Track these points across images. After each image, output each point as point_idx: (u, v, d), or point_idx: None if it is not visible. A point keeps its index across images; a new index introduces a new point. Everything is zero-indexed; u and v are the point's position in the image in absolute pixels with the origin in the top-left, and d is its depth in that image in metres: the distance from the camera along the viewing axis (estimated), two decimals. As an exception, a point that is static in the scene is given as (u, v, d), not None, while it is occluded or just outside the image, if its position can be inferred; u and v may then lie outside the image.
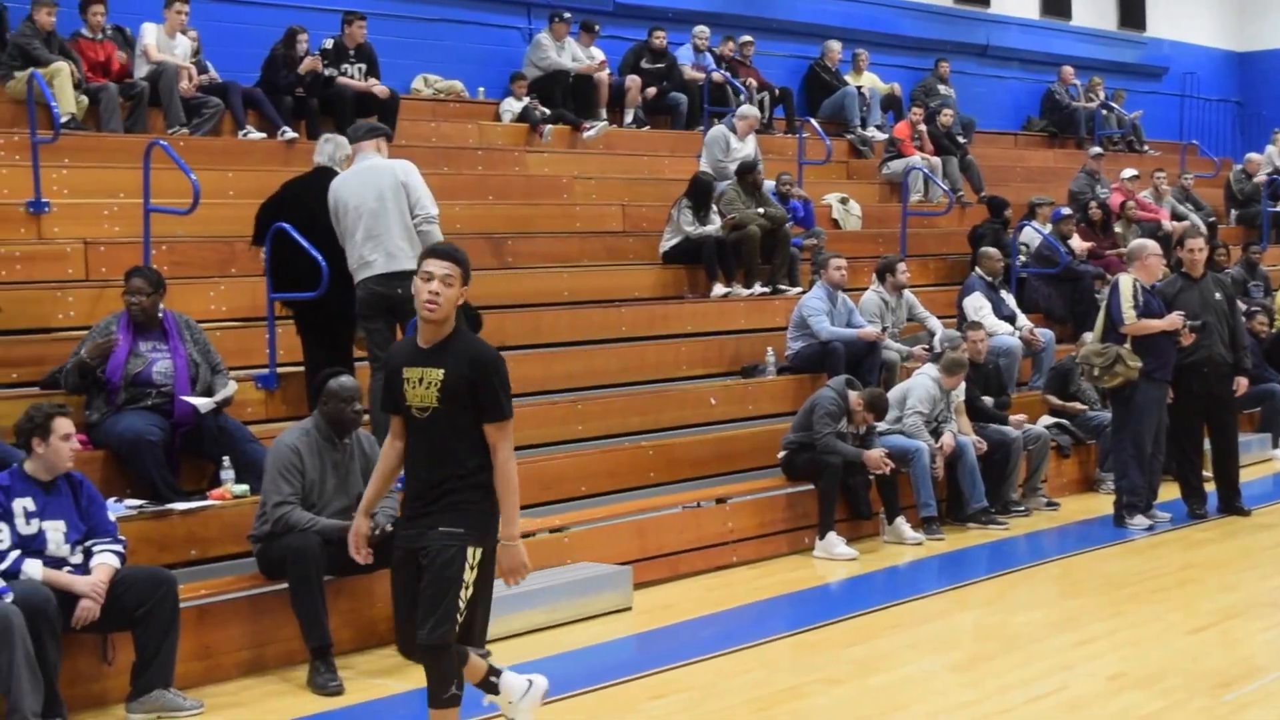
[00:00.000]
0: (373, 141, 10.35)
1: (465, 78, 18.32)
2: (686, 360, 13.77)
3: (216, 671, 8.46)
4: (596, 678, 8.50)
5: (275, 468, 8.63)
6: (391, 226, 10.02)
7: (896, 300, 14.51)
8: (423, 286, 6.42)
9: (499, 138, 17.15)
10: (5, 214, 11.84)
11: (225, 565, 9.19)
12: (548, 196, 15.87)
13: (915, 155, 19.53)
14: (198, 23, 15.36)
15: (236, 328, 11.39)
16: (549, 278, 14.07)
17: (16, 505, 7.71)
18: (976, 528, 12.67)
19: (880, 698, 8.27)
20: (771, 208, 15.63)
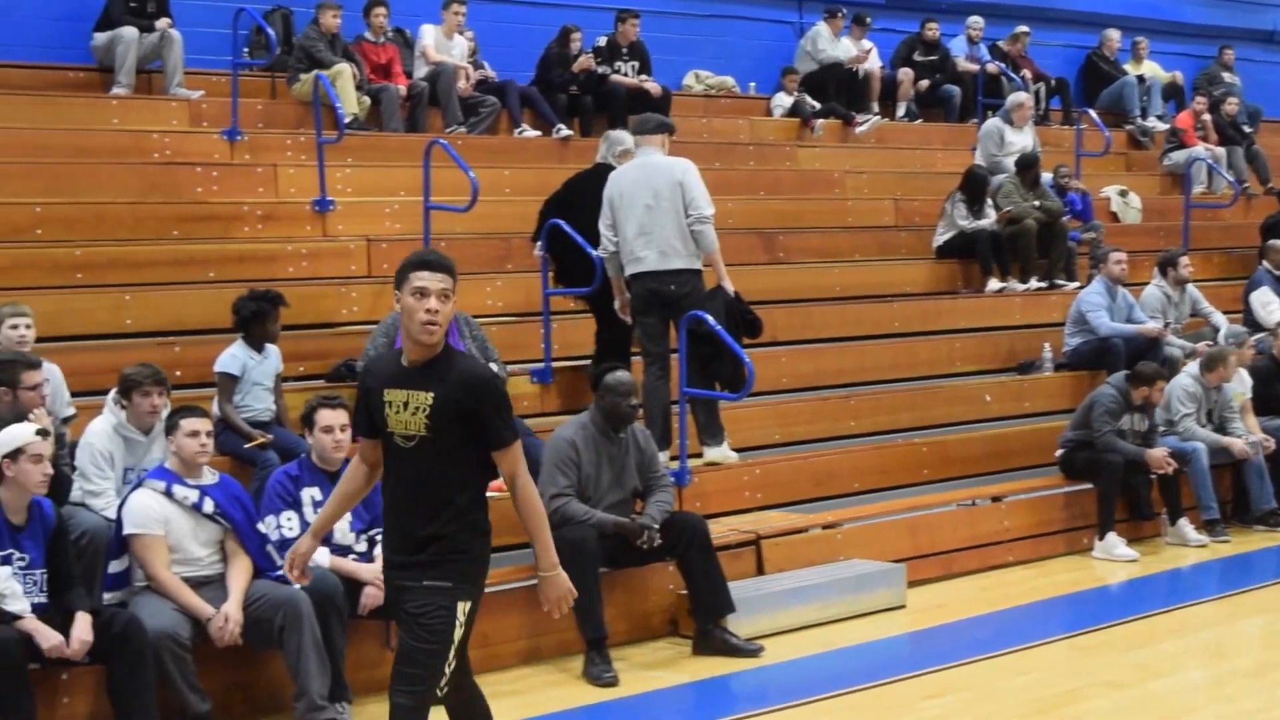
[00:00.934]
0: (658, 136, 10.41)
1: (737, 73, 18.32)
2: (960, 356, 13.59)
3: (494, 660, 8.54)
4: (871, 675, 8.43)
5: (552, 461, 8.70)
6: (666, 224, 10.05)
7: (1179, 295, 14.10)
8: (417, 304, 5.50)
9: (770, 133, 17.13)
10: (293, 212, 12.21)
11: (504, 556, 9.15)
12: (819, 191, 15.81)
13: (1198, 145, 18.95)
14: (475, 23, 15.66)
15: (512, 323, 11.56)
16: (820, 273, 14.00)
17: (305, 495, 7.92)
18: (1264, 530, 12.23)
19: (1165, 703, 8.06)
20: (1048, 201, 15.32)
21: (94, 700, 7.25)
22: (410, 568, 5.63)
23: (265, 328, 9.37)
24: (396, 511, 5.74)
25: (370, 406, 5.71)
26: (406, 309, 5.53)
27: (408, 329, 5.56)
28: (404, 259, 5.59)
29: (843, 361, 12.79)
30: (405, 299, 5.52)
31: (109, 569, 7.58)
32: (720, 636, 8.78)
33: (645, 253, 10.10)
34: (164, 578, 7.40)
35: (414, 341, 5.57)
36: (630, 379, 8.92)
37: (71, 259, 10.57)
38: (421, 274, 5.53)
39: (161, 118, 13.21)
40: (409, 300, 5.51)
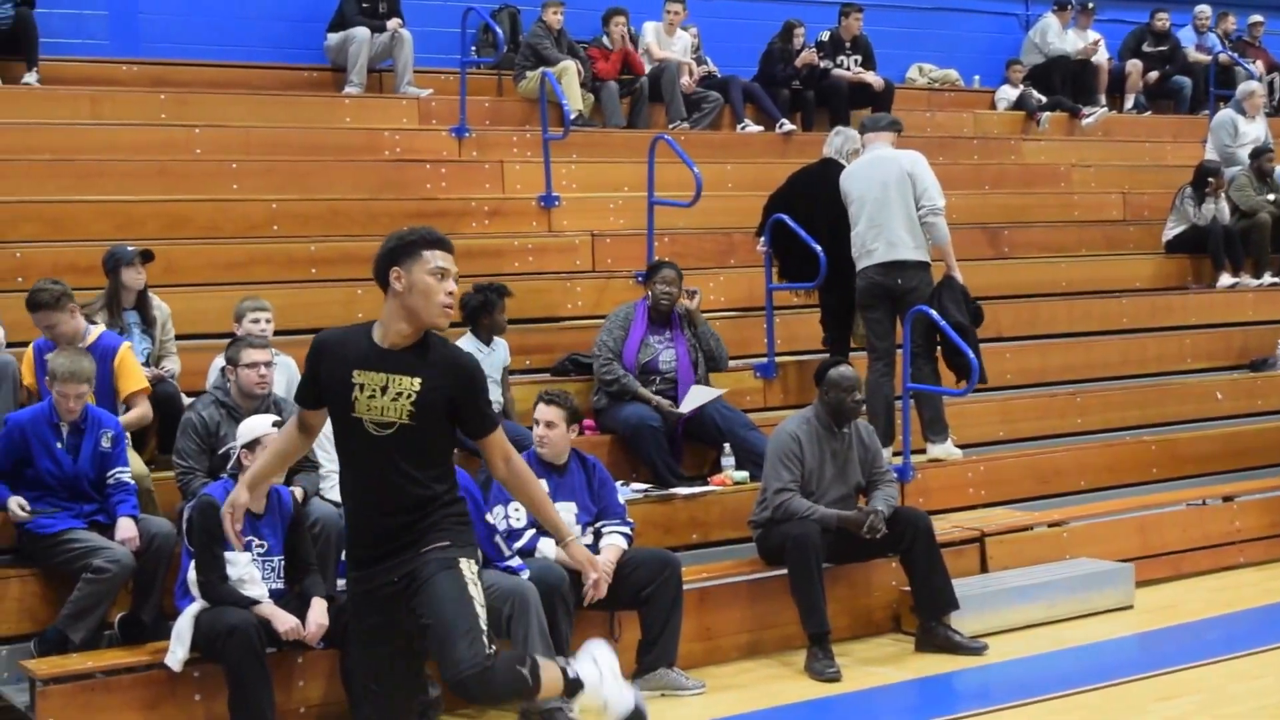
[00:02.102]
0: (889, 134, 10.52)
1: (961, 66, 18.17)
2: (1190, 353, 13.29)
3: (716, 653, 8.59)
4: (1098, 676, 8.26)
5: (776, 455, 8.69)
6: (894, 216, 10.08)
7: None
8: (438, 285, 5.19)
9: (995, 126, 16.93)
10: (519, 208, 12.38)
11: (725, 550, 9.36)
12: (1045, 185, 15.57)
13: None
14: (697, 19, 15.70)
15: (735, 317, 11.56)
16: (1046, 268, 13.79)
17: (533, 488, 8.01)
18: None
19: None
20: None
21: (327, 684, 7.43)
22: (393, 554, 5.26)
23: (493, 319, 9.50)
24: (369, 508, 5.31)
25: (324, 383, 5.29)
26: (421, 288, 5.17)
27: (415, 309, 5.19)
28: (399, 234, 5.25)
29: (1070, 357, 12.61)
30: (420, 277, 5.17)
31: (343, 556, 7.67)
32: (944, 634, 8.71)
33: (875, 245, 10.15)
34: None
35: (417, 323, 5.23)
36: (854, 374, 8.87)
37: (306, 254, 10.84)
38: (438, 253, 5.23)
39: (392, 116, 13.50)
40: (427, 279, 5.17)
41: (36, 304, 8.17)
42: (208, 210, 11.19)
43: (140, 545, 7.53)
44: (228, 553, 7.16)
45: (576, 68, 14.00)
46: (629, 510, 8.39)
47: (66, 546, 7.49)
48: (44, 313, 8.15)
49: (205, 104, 12.85)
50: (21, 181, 10.97)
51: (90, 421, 7.73)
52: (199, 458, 7.96)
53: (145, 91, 12.92)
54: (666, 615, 7.97)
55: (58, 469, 7.65)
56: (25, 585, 7.67)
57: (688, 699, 7.96)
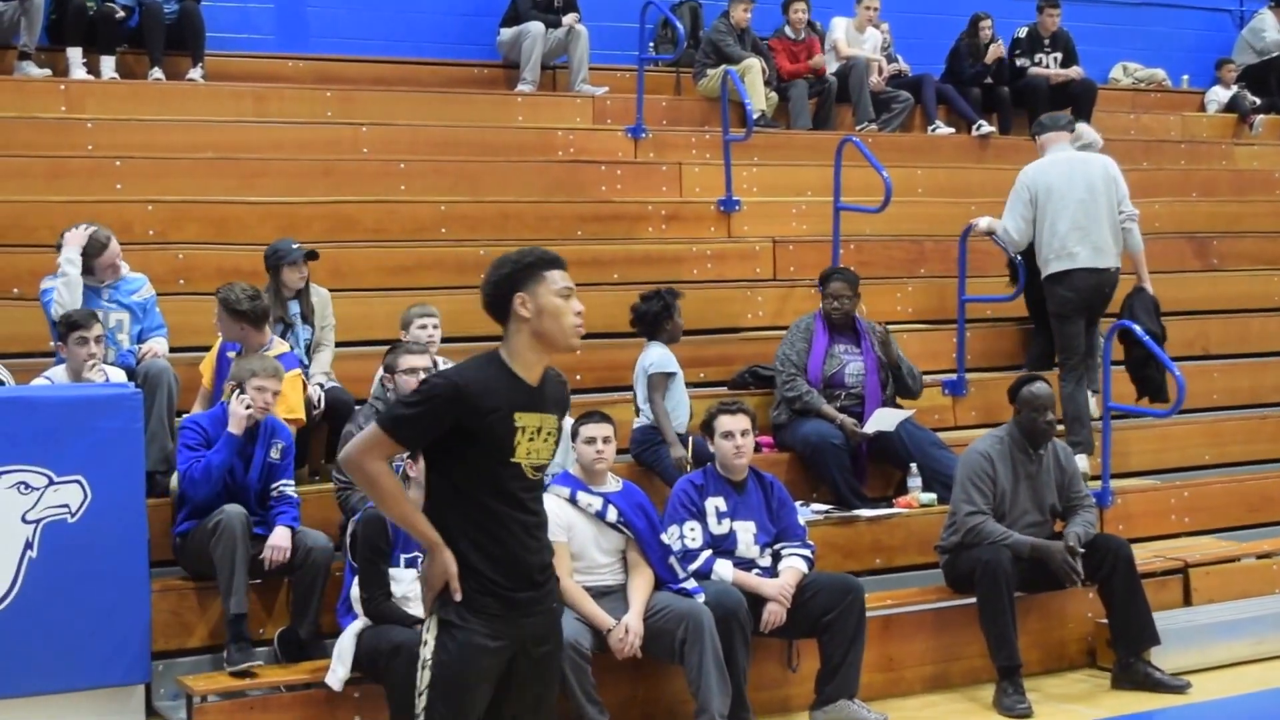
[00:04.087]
0: (1069, 134, 10.43)
1: (1168, 65, 17.57)
2: None
3: (899, 685, 8.31)
4: None
5: (967, 476, 8.35)
6: (1102, 220, 9.91)
7: None
8: (566, 305, 4.87)
9: (1204, 129, 16.31)
10: (698, 212, 12.09)
11: (910, 575, 9.06)
12: (1258, 192, 14.91)
13: None
14: (887, 15, 15.28)
15: (924, 330, 11.23)
16: (1259, 280, 13.19)
17: (709, 504, 7.79)
18: None
19: None
20: None
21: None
22: (542, 604, 5.01)
23: (674, 322, 9.16)
24: (517, 548, 4.94)
25: (473, 429, 4.81)
26: (551, 311, 4.85)
27: (549, 334, 4.86)
28: (509, 258, 4.92)
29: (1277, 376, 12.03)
30: (548, 300, 4.84)
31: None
32: (1143, 670, 8.31)
33: (1079, 249, 9.91)
34: (567, 586, 7.33)
35: (549, 351, 4.93)
36: (1048, 392, 8.46)
37: (476, 258, 10.57)
38: (560, 273, 4.92)
39: (566, 115, 13.29)
40: (554, 301, 4.85)
41: (244, 314, 8.15)
42: (375, 212, 11.05)
43: (296, 558, 7.42)
44: (392, 569, 7.05)
45: (761, 65, 13.64)
46: (809, 532, 8.12)
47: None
48: (248, 325, 8.15)
49: (373, 102, 12.71)
50: (185, 181, 10.88)
51: (264, 430, 7.64)
52: (360, 471, 7.73)
53: (311, 88, 12.83)
54: (848, 644, 7.66)
55: (229, 477, 7.55)
56: (181, 598, 7.56)
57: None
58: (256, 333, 8.20)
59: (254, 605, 7.46)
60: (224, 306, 8.20)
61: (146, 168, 10.88)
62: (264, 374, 7.59)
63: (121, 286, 8.63)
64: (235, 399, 7.49)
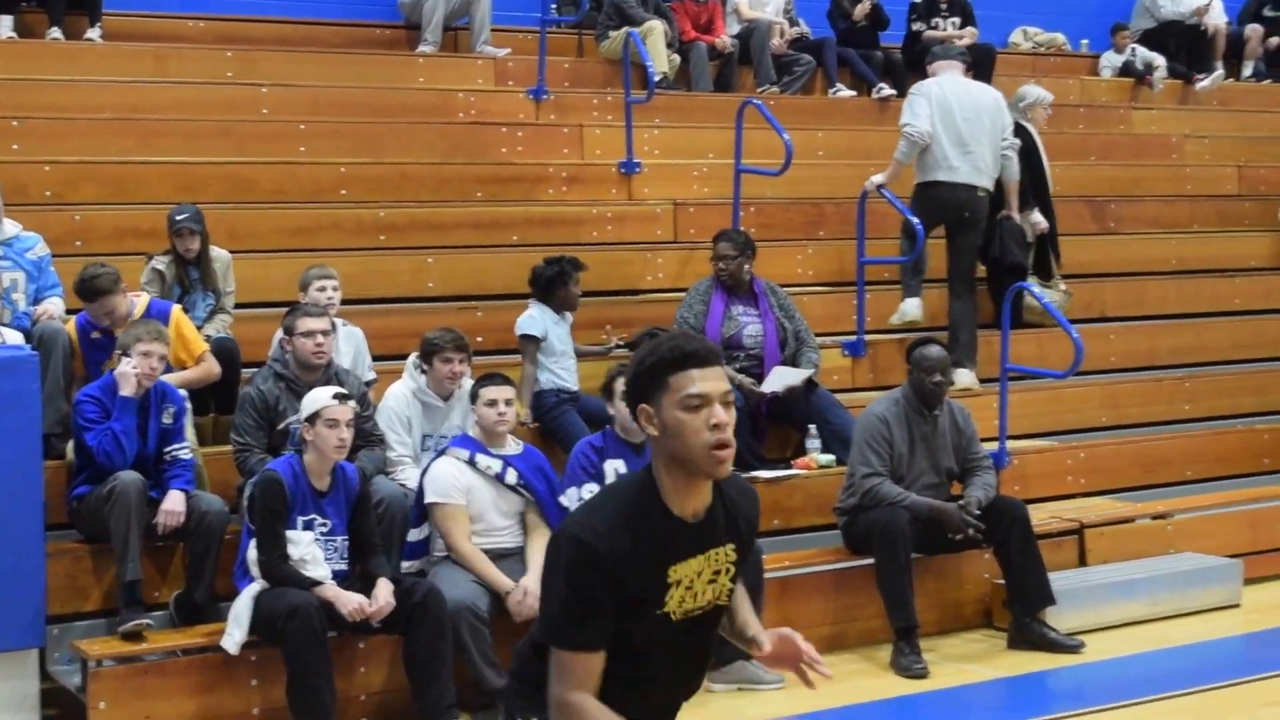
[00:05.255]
0: (961, 63, 10.88)
1: (1068, 29, 17.57)
2: (1309, 336, 12.79)
3: None
4: (1202, 678, 7.96)
5: (863, 438, 8.38)
6: (984, 142, 10.36)
7: None
8: (693, 421, 3.62)
9: (1103, 94, 16.35)
10: (599, 174, 12.03)
11: (809, 537, 9.06)
12: (1155, 156, 15.01)
13: None
14: (791, -24, 15.23)
15: (824, 293, 11.25)
16: (1155, 244, 13.28)
17: (609, 467, 7.77)
18: None
19: None
20: None
21: (390, 670, 7.28)
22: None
23: (567, 291, 9.18)
24: (657, 689, 3.93)
25: (620, 599, 3.67)
26: (680, 428, 3.63)
27: (680, 457, 3.65)
28: (641, 353, 3.73)
29: (1179, 340, 12.18)
30: (669, 414, 3.64)
31: (408, 537, 7.58)
32: (1038, 630, 8.39)
33: (960, 164, 10.30)
34: (465, 549, 7.37)
35: (697, 477, 3.70)
36: (940, 354, 8.51)
37: (375, 220, 10.58)
38: (689, 373, 3.64)
39: (467, 76, 13.13)
40: (680, 416, 3.63)
41: (95, 291, 7.98)
42: (274, 173, 10.92)
43: (191, 522, 7.34)
44: (290, 531, 6.99)
45: (663, 28, 13.53)
46: (708, 494, 8.06)
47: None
48: (103, 299, 7.99)
49: (273, 62, 12.49)
50: (83, 141, 10.72)
51: (154, 396, 7.52)
52: (256, 434, 7.75)
53: (211, 48, 12.60)
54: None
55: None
56: (77, 562, 7.48)
57: (767, 693, 7.73)
58: (120, 302, 8.02)
59: (149, 569, 7.40)
60: (82, 294, 8.05)
61: (44, 128, 10.70)
62: (148, 337, 7.45)
63: (15, 244, 8.47)
64: (122, 362, 7.40)
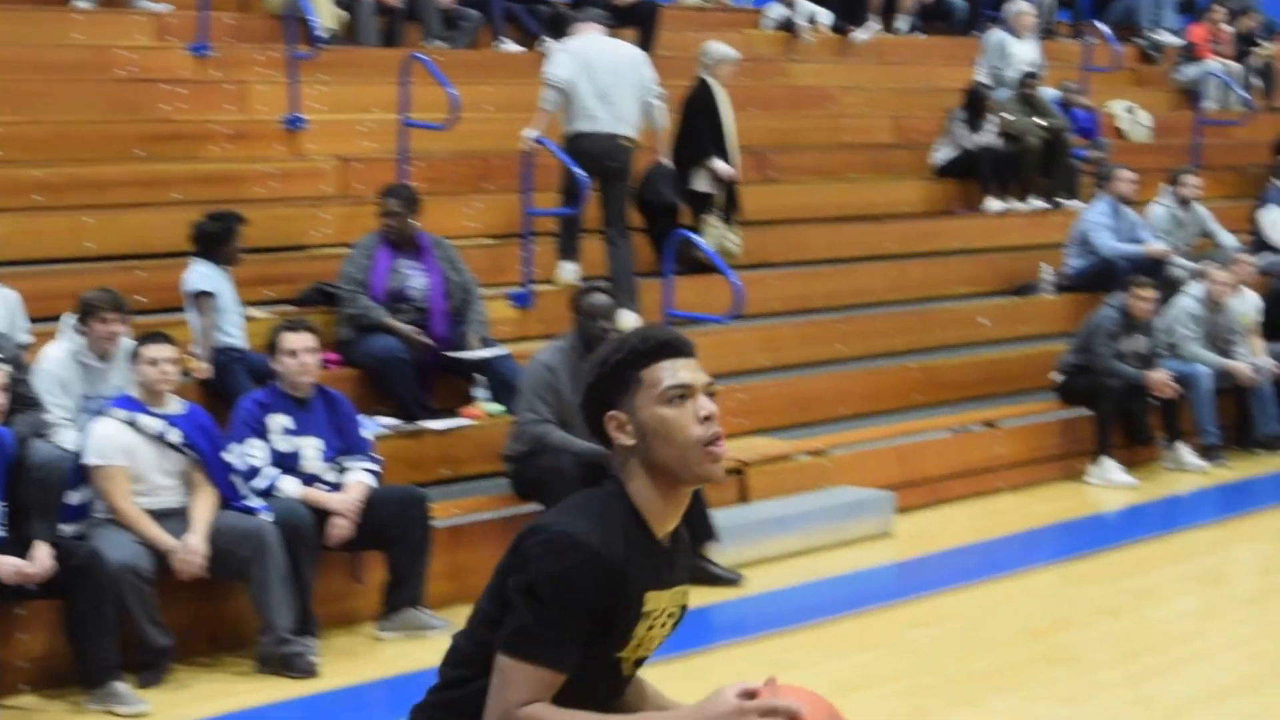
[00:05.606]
0: (601, 26, 11.08)
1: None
2: (956, 278, 13.33)
3: (467, 592, 8.19)
4: (856, 604, 8.36)
5: (530, 387, 8.49)
6: (625, 93, 10.63)
7: (1186, 215, 13.77)
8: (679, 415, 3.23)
9: (763, 47, 16.66)
10: (261, 131, 11.83)
11: (478, 485, 9.14)
12: (813, 108, 15.42)
13: (1212, 60, 18.40)
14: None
15: (491, 245, 11.30)
16: (813, 192, 13.68)
17: (273, 421, 7.75)
18: (1266, 455, 12.00)
19: (1155, 630, 8.00)
20: (1053, 118, 14.95)
21: (51, 636, 7.12)
22: None
23: (231, 248, 9.09)
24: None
25: (606, 617, 3.21)
26: (664, 427, 3.22)
27: (664, 465, 3.24)
28: (601, 356, 3.33)
29: (835, 284, 12.56)
30: (648, 414, 3.23)
31: (68, 500, 7.43)
32: (701, 565, 8.56)
33: (602, 114, 10.58)
34: (126, 509, 7.27)
35: (681, 488, 3.29)
36: (604, 300, 8.68)
37: (30, 180, 10.23)
38: (669, 365, 3.25)
39: (126, 32, 12.75)
40: (662, 413, 3.22)
41: None
42: (-83, 133, 10.53)
43: None
44: None
45: (328, -19, 13.40)
46: (377, 446, 8.17)
47: None
48: None
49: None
50: None
51: None
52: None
53: None
54: (414, 554, 7.81)
55: None
56: None
57: (436, 639, 7.74)
58: None
59: None
60: None
61: None
62: None
63: None
64: None
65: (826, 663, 7.46)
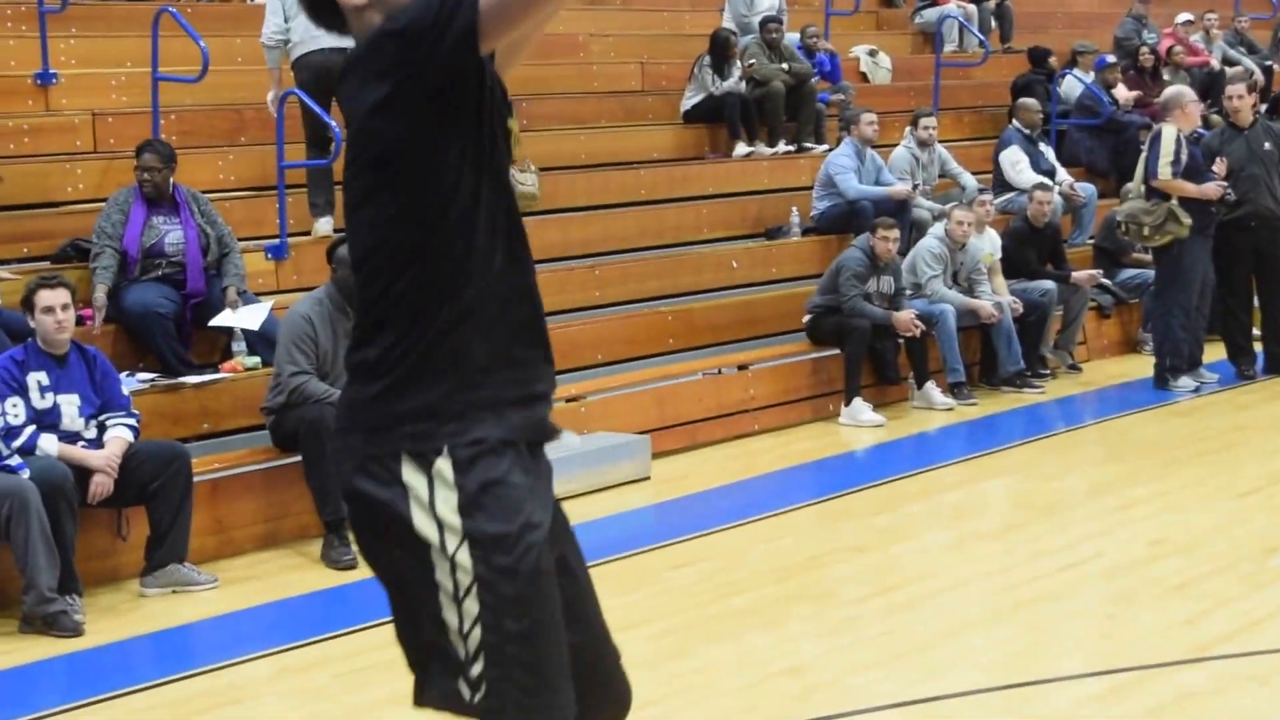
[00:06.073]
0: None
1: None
2: (708, 223, 13.49)
3: (230, 546, 8.45)
4: (615, 548, 8.40)
5: (288, 339, 8.48)
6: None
7: (928, 156, 14.16)
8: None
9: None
10: (12, 86, 11.58)
11: (238, 439, 9.13)
12: (563, 55, 15.39)
13: (950, 3, 18.83)
14: None
15: (247, 198, 11.21)
16: (565, 140, 13.73)
17: (30, 379, 7.67)
18: (1011, 391, 12.42)
19: (906, 565, 8.20)
20: (796, 62, 15.26)
21: None
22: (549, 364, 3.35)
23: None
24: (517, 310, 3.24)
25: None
26: None
27: None
28: None
29: (588, 230, 12.65)
30: None
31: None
32: None
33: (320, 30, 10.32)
34: (-126, 473, 7.12)
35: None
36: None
37: None
38: None
39: None
40: None
41: None
42: None
43: None
44: None
45: (72, -67, 13.09)
46: (135, 401, 8.13)
47: None
48: None
49: None
50: None
51: None
52: None
53: None
54: (175, 509, 7.80)
55: None
56: None
57: (201, 594, 7.84)
58: None
59: None
60: None
61: None
62: None
63: None
64: None
65: (587, 604, 7.64)
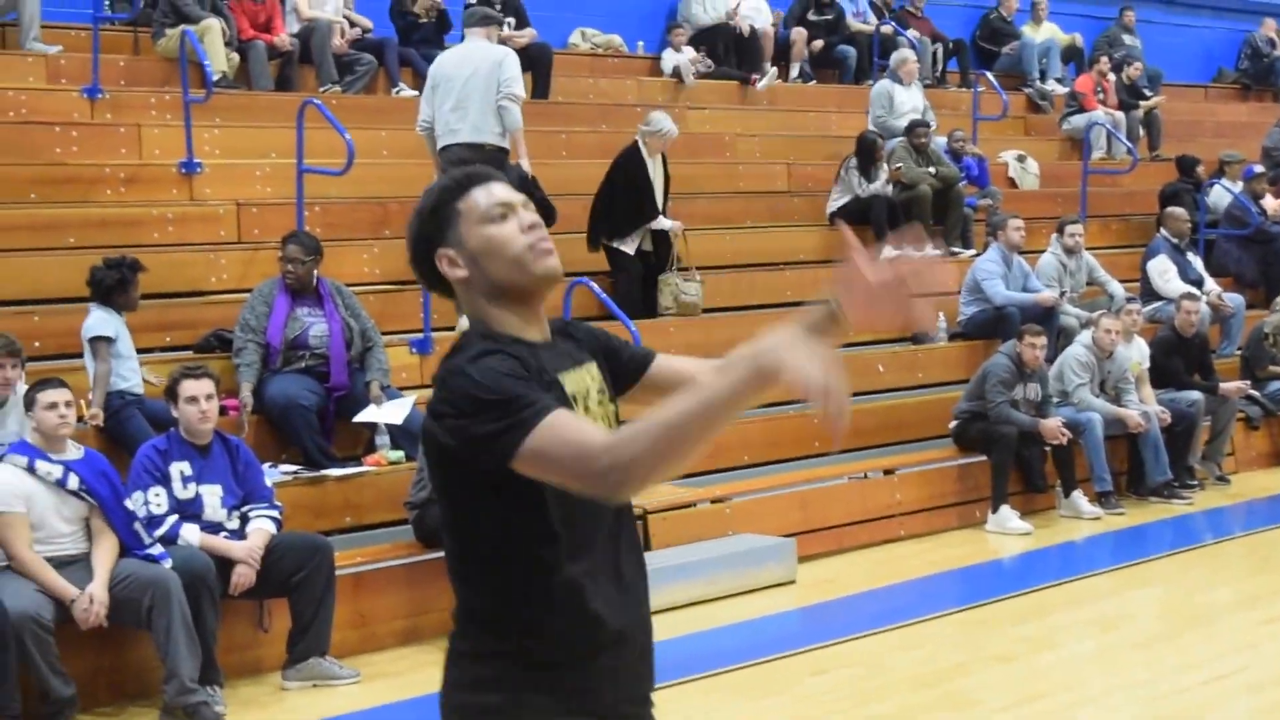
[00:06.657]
0: (483, 29, 11.22)
1: (623, 31, 17.83)
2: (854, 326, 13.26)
3: (372, 640, 8.37)
4: (759, 651, 8.31)
5: (428, 434, 8.38)
6: (477, 99, 10.82)
7: (1075, 263, 13.94)
8: (504, 230, 3.21)
9: (659, 94, 16.70)
10: (158, 175, 11.72)
11: (381, 533, 9.09)
12: (710, 154, 15.41)
13: (1098, 110, 18.70)
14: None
15: (391, 291, 11.20)
16: (712, 240, 13.61)
17: (174, 469, 7.67)
18: (1158, 502, 12.15)
19: (1051, 676, 8.02)
20: (943, 166, 15.10)
21: None
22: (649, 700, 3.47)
23: (128, 296, 8.99)
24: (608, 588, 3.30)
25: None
26: (491, 242, 3.21)
27: (503, 281, 3.23)
28: (418, 208, 3.30)
29: (735, 331, 12.30)
30: (474, 237, 3.21)
31: None
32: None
33: (460, 125, 10.75)
34: (26, 557, 7.15)
35: (529, 301, 3.26)
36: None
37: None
38: (483, 190, 3.25)
39: (17, 74, 12.63)
40: (487, 231, 3.21)
41: None
42: None
43: None
44: None
45: (220, 26, 13.23)
46: (278, 493, 8.11)
47: None
48: None
49: None
50: None
51: None
52: None
53: None
54: (318, 602, 7.74)
55: None
56: None
57: (342, 688, 7.77)
58: None
59: None
60: None
61: None
62: None
63: None
64: None
65: (728, 710, 7.48)
